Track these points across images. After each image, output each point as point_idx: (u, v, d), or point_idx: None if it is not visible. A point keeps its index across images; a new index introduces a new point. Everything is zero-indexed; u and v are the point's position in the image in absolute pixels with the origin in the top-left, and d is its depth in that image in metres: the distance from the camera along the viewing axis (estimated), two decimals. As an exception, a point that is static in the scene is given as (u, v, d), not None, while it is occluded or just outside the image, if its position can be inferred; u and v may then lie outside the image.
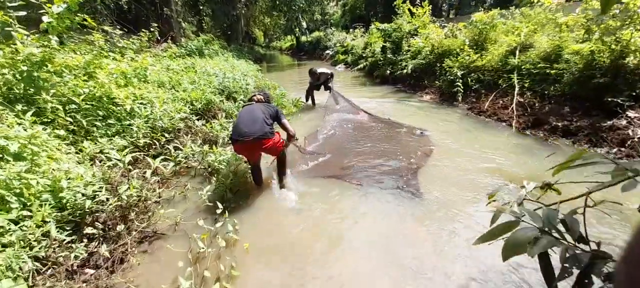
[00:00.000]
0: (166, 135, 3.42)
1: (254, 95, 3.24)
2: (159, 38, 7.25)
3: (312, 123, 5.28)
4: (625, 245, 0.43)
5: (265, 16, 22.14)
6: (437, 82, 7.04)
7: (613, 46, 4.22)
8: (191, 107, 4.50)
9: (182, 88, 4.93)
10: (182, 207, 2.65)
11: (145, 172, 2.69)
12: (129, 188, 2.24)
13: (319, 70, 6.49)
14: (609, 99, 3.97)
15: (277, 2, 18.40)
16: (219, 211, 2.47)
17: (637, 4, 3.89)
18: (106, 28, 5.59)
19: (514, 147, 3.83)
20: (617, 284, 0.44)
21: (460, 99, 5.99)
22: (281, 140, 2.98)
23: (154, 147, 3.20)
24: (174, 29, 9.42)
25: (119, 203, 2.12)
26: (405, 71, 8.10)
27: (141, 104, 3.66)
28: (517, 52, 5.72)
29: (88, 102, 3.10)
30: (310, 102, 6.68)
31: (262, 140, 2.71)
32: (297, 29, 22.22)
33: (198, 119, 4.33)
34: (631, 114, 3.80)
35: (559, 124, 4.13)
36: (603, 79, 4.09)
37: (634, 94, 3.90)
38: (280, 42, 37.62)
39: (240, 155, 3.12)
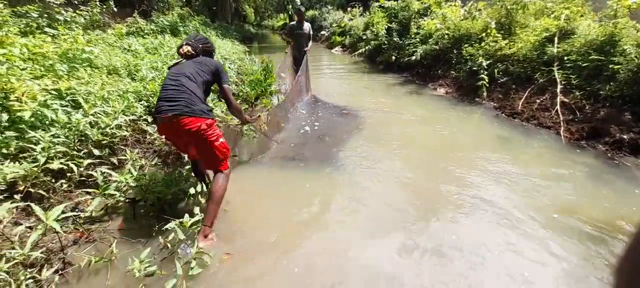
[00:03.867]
0: (97, 151, 2.35)
1: (181, 47, 2.16)
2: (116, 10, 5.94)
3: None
4: (625, 246, 0.44)
5: (255, -9, 20.35)
6: (453, 72, 6.03)
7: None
8: (149, 102, 3.41)
9: (140, 76, 3.80)
10: (97, 284, 1.65)
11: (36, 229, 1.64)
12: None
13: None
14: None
15: (269, -25, 16.69)
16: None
17: None
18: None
19: (575, 168, 2.92)
20: (617, 284, 0.44)
21: (484, 94, 5.01)
22: (217, 132, 2.01)
23: (69, 174, 2.13)
24: (145, 0, 8.02)
25: None
26: (414, 57, 7.04)
27: (65, 104, 2.56)
28: (556, 40, 4.73)
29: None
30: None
31: (182, 118, 1.84)
32: (291, 6, 20.56)
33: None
34: None
35: (625, 137, 3.22)
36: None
37: None
38: (273, 20, 35.52)
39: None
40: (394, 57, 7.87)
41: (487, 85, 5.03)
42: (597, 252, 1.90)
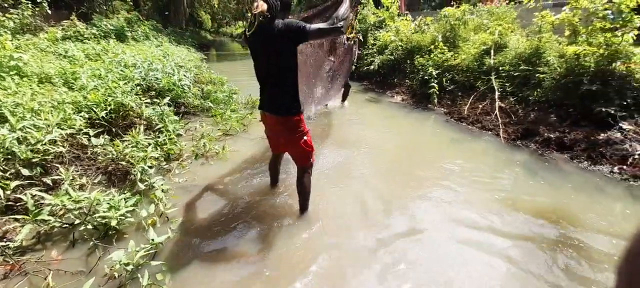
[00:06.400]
0: (26, 171, 2.05)
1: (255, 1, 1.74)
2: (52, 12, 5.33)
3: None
4: (626, 245, 0.44)
5: (212, -3, 19.76)
6: (408, 80, 6.43)
7: (601, 50, 3.92)
8: (92, 114, 3.08)
9: (79, 85, 3.43)
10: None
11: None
12: None
13: None
14: (600, 109, 3.64)
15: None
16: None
17: (630, 5, 3.57)
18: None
19: (512, 165, 3.27)
20: (618, 284, 0.44)
21: (435, 101, 5.42)
22: (303, 129, 2.06)
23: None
24: (85, 2, 7.33)
25: None
26: (372, 67, 7.38)
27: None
28: (492, 52, 5.32)
29: None
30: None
31: (271, 115, 2.02)
32: (250, 14, 20.28)
33: (101, 133, 2.94)
34: (625, 125, 3.50)
35: (552, 136, 3.71)
36: (594, 86, 3.75)
37: (624, 103, 3.63)
38: (231, 28, 34.73)
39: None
40: (353, 66, 8.15)
41: (438, 92, 5.45)
42: (533, 236, 2.14)
